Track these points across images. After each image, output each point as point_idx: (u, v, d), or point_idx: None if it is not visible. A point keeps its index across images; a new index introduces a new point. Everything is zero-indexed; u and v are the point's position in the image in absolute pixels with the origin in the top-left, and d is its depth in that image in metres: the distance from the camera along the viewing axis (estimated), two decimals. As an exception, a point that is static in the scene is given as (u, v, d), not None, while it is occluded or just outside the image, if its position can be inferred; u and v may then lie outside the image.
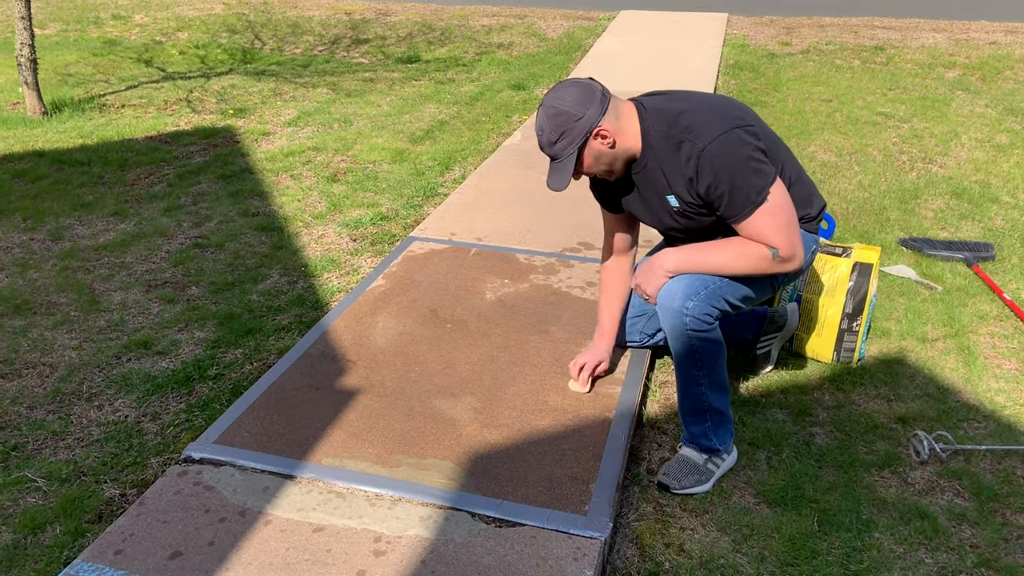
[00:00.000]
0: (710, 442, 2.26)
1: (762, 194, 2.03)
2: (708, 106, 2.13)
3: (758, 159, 2.05)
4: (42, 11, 9.55)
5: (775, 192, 2.05)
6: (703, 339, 2.16)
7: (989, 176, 4.54)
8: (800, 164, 2.32)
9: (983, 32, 8.03)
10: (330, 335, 2.81)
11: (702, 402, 2.23)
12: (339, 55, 7.96)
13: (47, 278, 3.43)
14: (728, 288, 2.17)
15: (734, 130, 2.04)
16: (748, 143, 2.05)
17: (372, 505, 2.05)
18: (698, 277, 2.16)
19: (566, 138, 2.07)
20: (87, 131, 5.39)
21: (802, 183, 2.28)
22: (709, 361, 2.19)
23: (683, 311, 2.12)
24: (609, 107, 2.09)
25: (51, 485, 2.26)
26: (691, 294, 2.13)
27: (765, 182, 2.04)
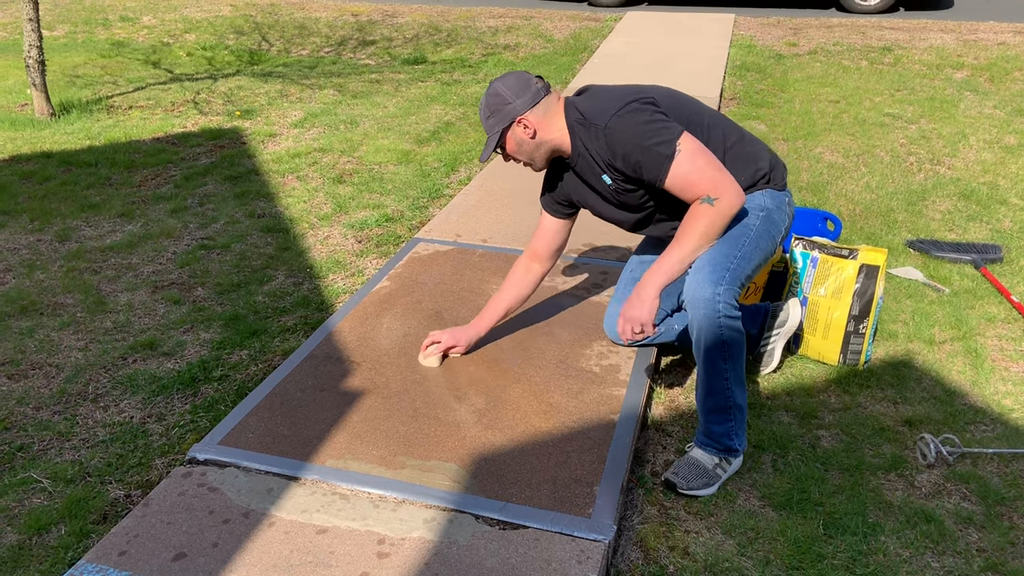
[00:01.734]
0: (731, 442, 2.24)
1: (671, 146, 2.14)
2: (610, 91, 2.28)
3: (657, 120, 2.17)
4: (50, 13, 9.60)
5: (684, 141, 2.15)
6: (734, 327, 2.17)
7: (997, 177, 4.52)
8: (742, 130, 2.38)
9: (991, 33, 7.99)
10: (335, 336, 2.81)
11: (727, 398, 2.22)
12: (346, 56, 7.97)
13: (54, 279, 3.44)
14: (744, 263, 2.22)
15: (628, 103, 2.19)
16: (643, 110, 2.18)
17: (376, 507, 2.05)
18: (717, 262, 2.18)
19: (495, 117, 2.29)
20: (94, 132, 5.41)
21: (743, 144, 2.33)
22: (736, 353, 2.19)
23: (715, 298, 2.13)
24: (541, 102, 2.28)
25: (56, 486, 2.26)
26: (718, 279, 2.15)
27: (671, 136, 2.15)
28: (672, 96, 2.32)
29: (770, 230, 2.30)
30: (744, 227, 2.27)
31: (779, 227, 2.33)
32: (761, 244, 2.28)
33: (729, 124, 2.36)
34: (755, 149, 2.36)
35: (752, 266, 2.26)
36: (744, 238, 2.25)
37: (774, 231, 2.31)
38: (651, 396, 2.64)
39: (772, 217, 2.31)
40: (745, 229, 2.27)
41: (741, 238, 2.25)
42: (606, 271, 3.29)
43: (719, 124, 2.33)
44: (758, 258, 2.28)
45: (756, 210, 2.30)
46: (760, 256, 2.28)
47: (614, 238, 3.60)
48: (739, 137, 2.35)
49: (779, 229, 2.33)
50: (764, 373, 2.73)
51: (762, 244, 2.28)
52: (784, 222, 2.36)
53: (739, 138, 2.34)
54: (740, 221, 2.28)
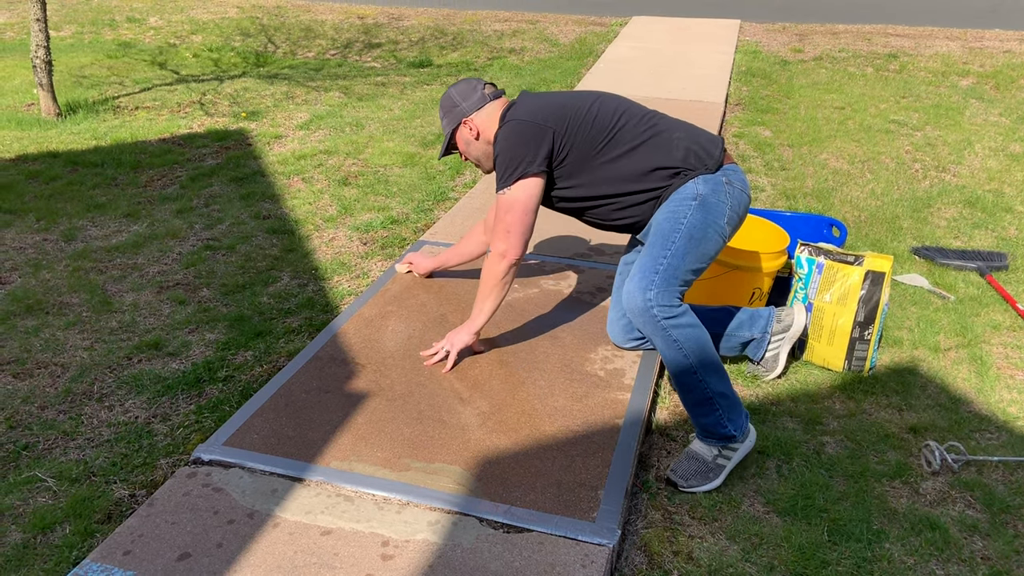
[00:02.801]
0: (725, 429, 2.24)
1: (509, 178, 2.36)
2: (529, 101, 2.43)
3: (524, 151, 2.34)
4: (57, 13, 9.63)
5: (519, 186, 2.36)
6: (680, 325, 2.19)
7: (1003, 185, 4.51)
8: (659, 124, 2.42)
9: (997, 40, 7.99)
10: (340, 338, 2.81)
11: (703, 390, 2.22)
12: (351, 59, 7.99)
13: (60, 278, 3.45)
14: (677, 260, 2.25)
15: (523, 122, 2.36)
16: (527, 134, 2.35)
17: (380, 509, 2.05)
18: (645, 267, 2.25)
19: (446, 119, 2.55)
20: (101, 133, 5.42)
21: (657, 139, 2.38)
22: (693, 346, 2.20)
23: (647, 305, 2.19)
24: (485, 106, 2.51)
25: (61, 485, 2.27)
26: (647, 285, 2.21)
27: (519, 170, 2.34)
28: (581, 107, 2.41)
29: (708, 217, 2.29)
30: (674, 223, 2.29)
31: (721, 210, 2.30)
32: (697, 235, 2.27)
33: (645, 124, 2.40)
34: (670, 139, 2.38)
35: (691, 261, 2.26)
36: (674, 234, 2.27)
37: (715, 216, 2.30)
38: (655, 400, 2.64)
39: (707, 202, 2.30)
40: (675, 224, 2.29)
41: (671, 235, 2.28)
42: (611, 275, 3.29)
43: (628, 125, 2.39)
44: (697, 251, 2.28)
45: (687, 200, 2.31)
46: (699, 247, 2.28)
47: (618, 241, 3.60)
48: (654, 132, 2.39)
49: (721, 212, 2.31)
50: (769, 379, 2.73)
51: (698, 235, 2.27)
52: (726, 202, 2.32)
53: (654, 133, 2.39)
54: (671, 216, 2.30)
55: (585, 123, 2.39)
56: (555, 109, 2.40)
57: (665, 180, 2.35)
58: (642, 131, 2.39)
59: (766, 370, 2.72)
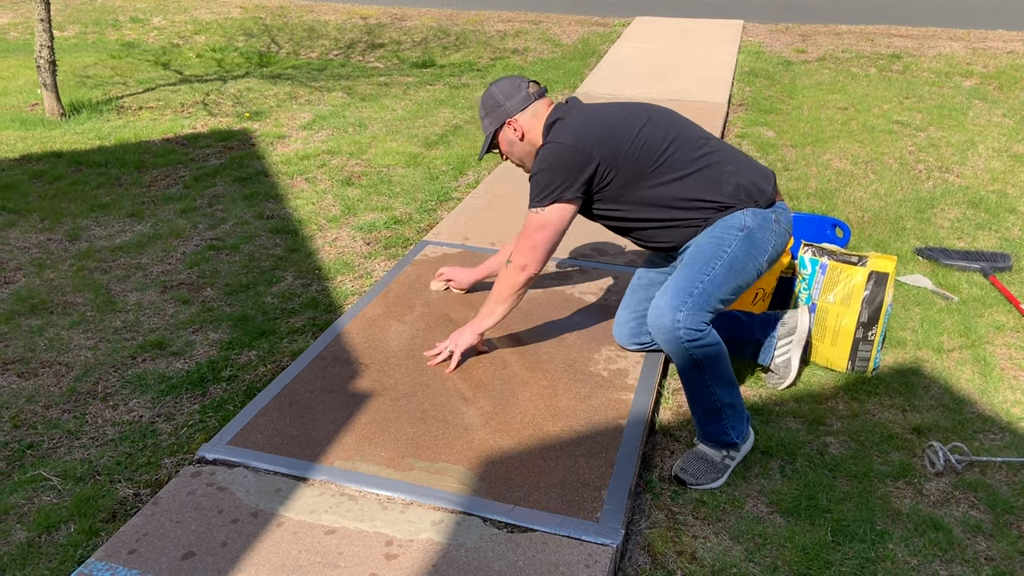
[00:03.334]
0: (728, 437, 2.28)
1: (544, 199, 2.32)
2: (578, 120, 2.35)
3: (564, 177, 2.30)
4: (61, 13, 9.64)
5: (553, 210, 2.32)
6: (700, 345, 2.18)
7: (1006, 186, 4.51)
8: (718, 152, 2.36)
9: (1000, 41, 7.99)
10: (343, 338, 2.82)
11: (713, 401, 2.24)
12: (354, 59, 8.00)
13: (64, 278, 3.46)
14: (712, 288, 2.22)
15: (569, 147, 2.29)
16: (568, 161, 2.29)
17: (384, 508, 2.05)
18: (679, 287, 2.21)
19: (489, 118, 2.47)
20: (104, 133, 5.43)
21: (710, 169, 2.32)
22: (711, 363, 2.21)
23: (675, 326, 2.16)
24: (530, 106, 2.43)
25: (66, 484, 2.27)
26: (678, 305, 2.18)
27: (555, 194, 2.30)
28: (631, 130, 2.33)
29: (751, 251, 2.27)
30: (718, 249, 2.26)
31: (764, 246, 2.30)
32: (737, 267, 2.25)
33: (696, 150, 2.34)
34: (721, 172, 2.32)
35: (726, 290, 2.24)
36: (716, 260, 2.25)
37: (756, 251, 2.28)
38: (659, 400, 2.64)
39: (754, 236, 2.28)
40: (718, 251, 2.26)
41: (712, 260, 2.25)
42: (617, 275, 3.29)
43: (678, 153, 2.32)
44: (733, 281, 2.25)
45: (734, 231, 2.27)
46: (737, 279, 2.26)
47: (623, 242, 3.60)
48: (706, 163, 2.32)
49: (764, 249, 2.30)
50: (784, 386, 2.71)
51: (738, 266, 2.25)
52: (771, 240, 2.31)
53: (705, 164, 2.32)
54: (716, 242, 2.27)
55: (633, 149, 2.31)
56: (603, 132, 2.32)
57: (711, 212, 2.32)
58: (693, 159, 2.33)
59: (780, 376, 2.71)
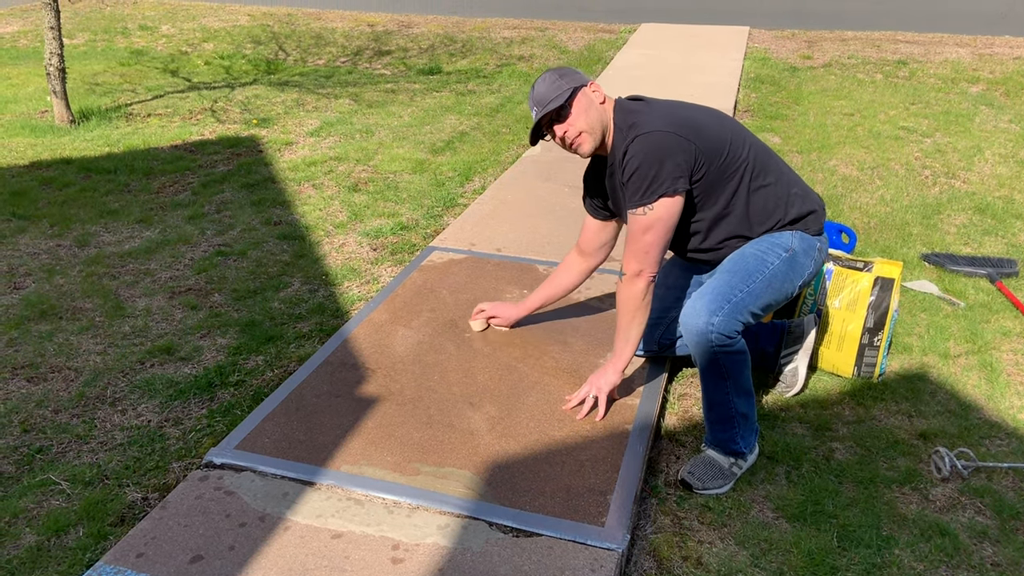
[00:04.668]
0: (737, 446, 2.28)
1: (651, 195, 2.17)
2: (665, 110, 2.27)
3: (668, 167, 2.16)
4: (71, 21, 9.72)
5: (662, 205, 2.18)
6: (729, 352, 2.19)
7: (1013, 192, 4.50)
8: (783, 171, 2.36)
9: (1007, 47, 7.98)
10: (350, 343, 2.83)
11: (729, 409, 2.25)
12: (361, 66, 8.04)
13: (73, 284, 3.48)
14: (749, 299, 2.22)
15: (670, 134, 2.17)
16: (673, 148, 2.17)
17: (390, 513, 2.06)
18: (719, 292, 2.20)
19: (565, 79, 2.26)
20: (113, 139, 5.47)
21: (778, 187, 2.32)
22: (735, 371, 2.22)
23: (708, 329, 2.16)
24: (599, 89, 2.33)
25: (75, 488, 2.29)
26: (715, 310, 2.17)
27: (663, 187, 2.16)
28: (718, 129, 2.26)
29: (790, 273, 2.29)
30: (761, 263, 2.27)
31: (802, 271, 2.32)
32: (775, 284, 2.26)
33: (768, 164, 2.33)
34: (788, 193, 2.34)
35: (760, 304, 2.25)
36: (758, 274, 2.25)
37: (794, 274, 2.30)
38: (664, 406, 2.64)
39: (796, 259, 2.30)
40: (761, 265, 2.27)
41: (755, 273, 2.25)
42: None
43: (754, 164, 2.29)
44: (769, 297, 2.26)
45: (780, 249, 2.29)
46: (772, 296, 2.27)
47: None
48: (775, 179, 2.32)
49: (801, 273, 2.32)
50: (791, 395, 2.70)
51: (776, 284, 2.27)
52: (809, 267, 2.34)
53: (775, 180, 2.32)
54: (761, 256, 2.27)
55: (722, 148, 2.25)
56: (696, 124, 2.23)
57: (769, 228, 2.33)
58: (767, 171, 2.31)
59: (787, 385, 2.70)
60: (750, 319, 2.23)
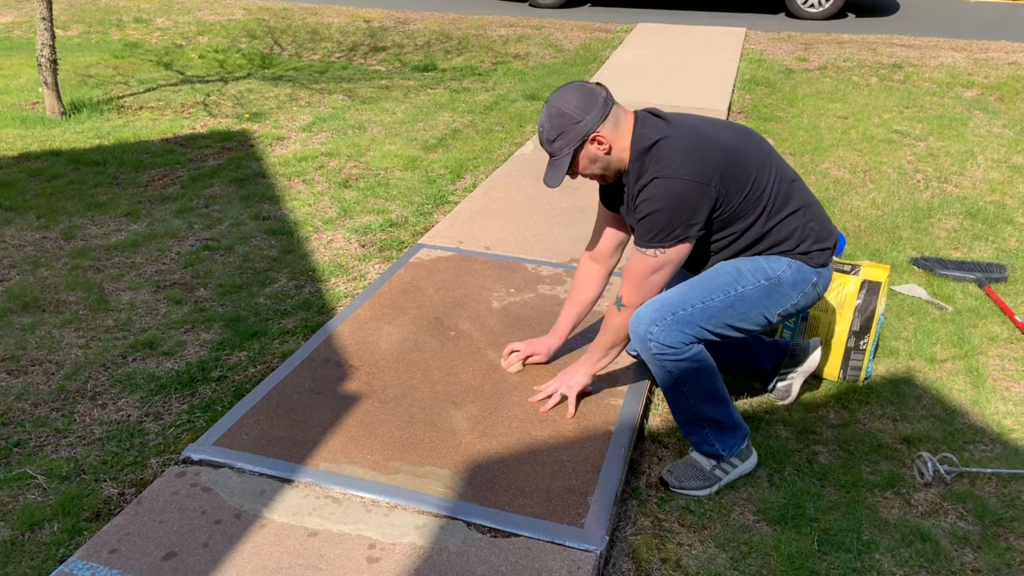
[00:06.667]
0: (712, 448, 2.25)
1: (668, 240, 2.10)
2: (688, 140, 2.12)
3: (684, 216, 2.09)
4: (65, 13, 9.67)
5: (675, 250, 2.13)
6: (676, 360, 2.14)
7: (1004, 197, 4.50)
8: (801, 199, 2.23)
9: (1003, 52, 7.98)
10: (334, 340, 2.81)
11: (693, 413, 2.23)
12: (356, 62, 8.01)
13: (57, 276, 3.46)
14: (701, 316, 2.15)
15: (692, 183, 2.07)
16: (692, 197, 2.08)
17: (368, 511, 2.04)
18: (667, 303, 2.16)
19: (563, 138, 2.13)
20: (104, 132, 5.44)
21: (793, 218, 2.20)
22: (690, 378, 2.17)
23: (647, 337, 2.14)
24: (610, 114, 2.13)
25: (51, 482, 2.27)
26: (656, 319, 2.14)
27: (679, 233, 2.10)
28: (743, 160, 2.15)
29: (764, 300, 2.17)
30: (732, 282, 2.18)
31: (782, 302, 2.20)
32: (739, 308, 2.16)
33: (791, 195, 2.21)
34: (804, 225, 2.21)
35: (715, 322, 2.16)
36: (722, 293, 2.16)
37: (771, 304, 2.19)
38: (648, 407, 2.63)
39: (779, 290, 2.18)
40: (733, 284, 2.17)
41: (719, 291, 2.17)
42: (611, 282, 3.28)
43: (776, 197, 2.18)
44: (728, 318, 2.16)
45: (761, 275, 2.18)
46: (732, 318, 2.17)
47: (617, 248, 3.59)
48: (795, 209, 2.20)
49: (781, 304, 2.20)
50: (782, 404, 2.68)
51: (741, 308, 2.16)
52: (795, 299, 2.21)
53: (795, 210, 2.20)
54: (736, 276, 2.18)
55: (746, 179, 2.14)
56: (721, 157, 2.12)
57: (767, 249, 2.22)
58: (789, 199, 2.20)
59: (776, 398, 2.68)
60: (704, 334, 2.16)
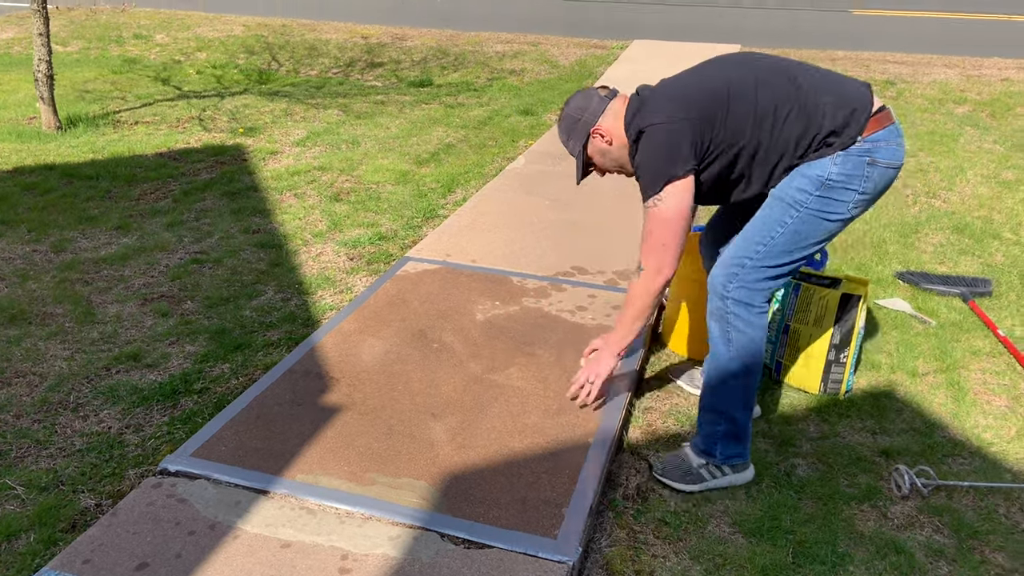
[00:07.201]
0: (712, 446, 2.29)
1: (656, 186, 2.12)
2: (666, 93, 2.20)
3: (667, 153, 2.11)
4: (65, 29, 9.76)
5: (667, 196, 2.12)
6: (745, 325, 2.19)
7: (992, 212, 4.51)
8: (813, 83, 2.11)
9: (996, 68, 8.02)
10: (317, 352, 2.82)
11: (721, 406, 2.26)
12: (353, 78, 8.07)
13: (45, 289, 3.47)
14: (769, 256, 2.14)
15: (663, 124, 2.11)
16: (668, 137, 2.10)
17: (342, 522, 2.05)
18: (733, 256, 2.18)
19: (573, 138, 2.31)
20: (99, 146, 5.48)
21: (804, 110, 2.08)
22: (741, 370, 2.22)
23: (725, 295, 2.18)
24: (608, 107, 2.27)
25: (30, 493, 2.27)
26: (730, 276, 2.18)
27: (663, 176, 2.11)
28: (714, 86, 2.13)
29: (824, 209, 2.08)
30: (786, 209, 2.10)
31: (846, 196, 2.07)
32: (804, 229, 2.09)
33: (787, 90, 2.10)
34: (817, 105, 2.08)
35: (787, 256, 2.12)
36: (779, 225, 2.11)
37: (835, 205, 2.08)
38: (628, 419, 2.63)
39: (832, 192, 2.07)
40: (785, 212, 2.10)
41: (774, 225, 2.12)
42: (593, 294, 3.30)
43: (771, 100, 2.09)
44: (801, 243, 2.11)
45: (809, 186, 2.08)
46: (803, 242, 2.11)
47: (602, 263, 3.61)
48: (799, 100, 2.08)
49: (846, 199, 2.08)
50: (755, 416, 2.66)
51: (805, 229, 2.09)
52: (859, 187, 2.07)
53: (799, 102, 2.08)
54: (787, 200, 2.10)
55: (722, 111, 2.10)
56: (687, 100, 2.13)
57: (808, 149, 2.10)
58: (784, 100, 2.09)
59: None
60: (783, 271, 2.15)
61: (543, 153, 5.32)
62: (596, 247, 3.77)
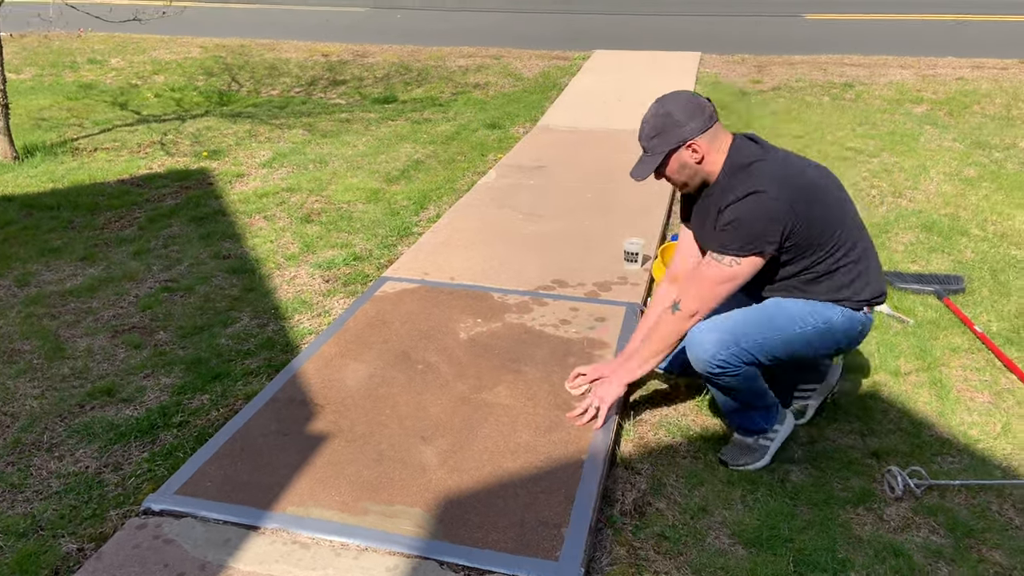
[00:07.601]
0: (757, 425, 2.43)
1: (744, 251, 2.21)
2: (782, 167, 2.28)
3: (769, 231, 2.20)
4: (18, 56, 9.54)
5: (749, 262, 2.23)
6: (732, 377, 2.29)
7: (958, 209, 4.59)
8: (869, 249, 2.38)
9: (950, 68, 8.20)
10: (299, 379, 2.76)
11: (741, 406, 2.40)
12: (316, 96, 7.99)
13: (11, 325, 3.36)
14: (758, 349, 2.28)
15: (782, 202, 2.20)
16: (777, 214, 2.20)
17: (337, 555, 1.99)
18: (731, 331, 2.27)
19: (662, 137, 2.30)
20: (58, 175, 5.35)
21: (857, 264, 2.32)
22: (744, 386, 2.33)
23: (712, 361, 2.26)
24: (711, 129, 2.30)
25: (7, 540, 2.18)
26: (721, 348, 2.25)
27: (751, 246, 2.21)
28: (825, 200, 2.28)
29: (815, 341, 2.33)
30: (791, 322, 2.31)
31: (831, 341, 2.36)
32: (795, 346, 2.31)
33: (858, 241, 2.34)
34: (867, 270, 2.35)
35: (770, 355, 2.29)
36: (780, 332, 2.30)
37: (820, 345, 2.36)
38: (620, 433, 2.61)
39: (831, 333, 2.33)
40: (790, 324, 2.30)
41: (776, 330, 2.29)
42: (575, 307, 3.28)
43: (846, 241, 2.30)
44: (782, 352, 2.30)
45: (818, 318, 2.32)
46: (786, 352, 2.31)
47: (581, 275, 3.59)
48: (859, 257, 2.33)
49: (829, 346, 2.38)
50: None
51: (796, 347, 2.32)
52: (842, 342, 2.38)
53: (858, 258, 2.33)
54: (796, 318, 2.31)
55: (822, 214, 2.25)
56: (805, 188, 2.25)
57: (824, 298, 2.34)
58: (852, 247, 2.32)
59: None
60: (759, 360, 2.30)
61: (513, 166, 5.30)
62: (574, 259, 3.76)
